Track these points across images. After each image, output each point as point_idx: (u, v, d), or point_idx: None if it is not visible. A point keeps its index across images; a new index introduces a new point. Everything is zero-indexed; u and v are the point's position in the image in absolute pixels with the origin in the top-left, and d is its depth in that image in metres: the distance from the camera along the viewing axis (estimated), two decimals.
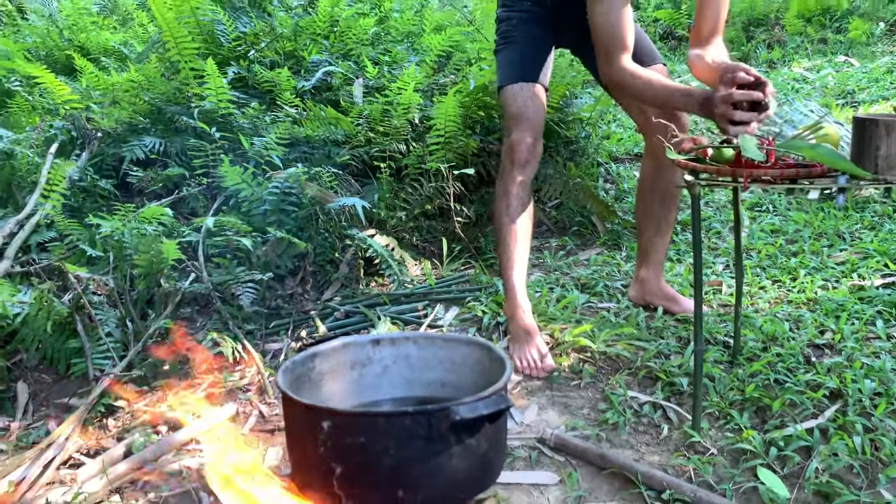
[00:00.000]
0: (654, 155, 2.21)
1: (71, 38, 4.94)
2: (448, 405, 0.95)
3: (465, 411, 0.93)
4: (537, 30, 2.22)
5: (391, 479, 0.94)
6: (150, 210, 2.51)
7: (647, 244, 2.34)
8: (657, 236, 2.32)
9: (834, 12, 7.19)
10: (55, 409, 2.05)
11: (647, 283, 2.37)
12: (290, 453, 1.02)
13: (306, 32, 3.65)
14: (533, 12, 2.22)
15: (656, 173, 2.26)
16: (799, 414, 1.77)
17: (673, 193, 2.28)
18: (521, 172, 2.16)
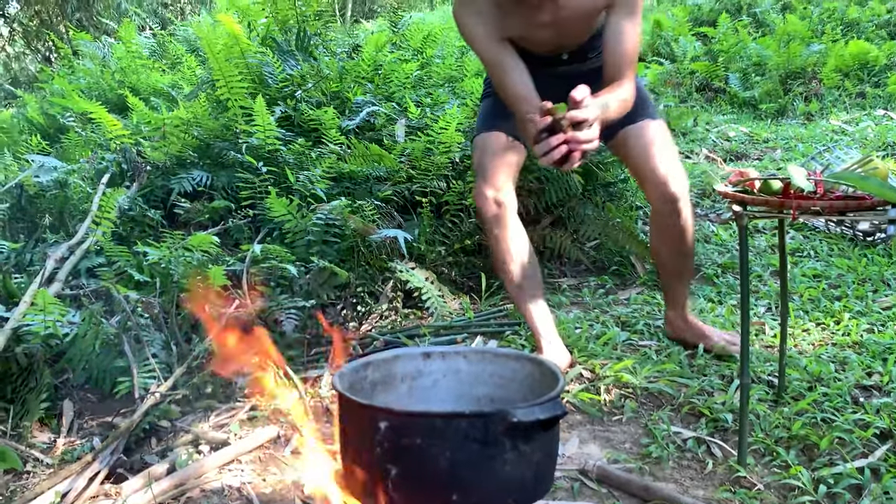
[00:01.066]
0: (655, 209, 2.21)
1: (122, 79, 5.13)
2: (505, 408, 0.95)
3: (521, 414, 0.93)
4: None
5: (446, 482, 0.94)
6: (197, 238, 2.57)
7: (667, 288, 2.36)
8: (674, 281, 2.33)
9: (872, 67, 7.20)
10: (99, 427, 2.07)
11: (674, 323, 2.38)
12: (343, 456, 1.03)
13: (351, 75, 3.75)
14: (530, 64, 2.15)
15: (659, 226, 2.23)
16: (848, 452, 1.73)
17: (680, 243, 2.22)
18: (491, 228, 2.15)
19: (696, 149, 5.23)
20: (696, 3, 9.72)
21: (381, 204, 2.86)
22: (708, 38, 8.33)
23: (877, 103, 6.59)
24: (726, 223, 3.69)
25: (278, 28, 4.15)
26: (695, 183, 4.27)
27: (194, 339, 2.35)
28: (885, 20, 9.00)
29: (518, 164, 2.21)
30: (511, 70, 1.99)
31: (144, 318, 2.31)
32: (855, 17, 8.93)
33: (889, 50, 7.54)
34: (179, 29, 7.40)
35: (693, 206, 3.98)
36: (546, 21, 1.98)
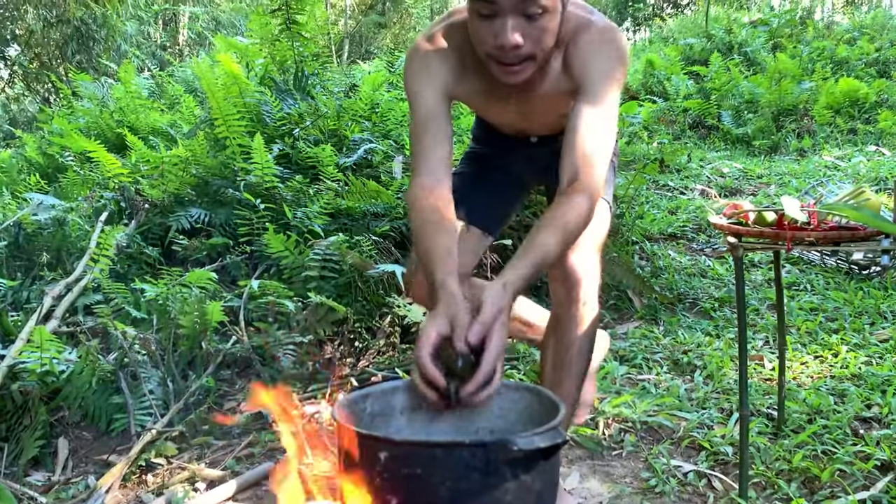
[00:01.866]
0: (554, 302, 1.65)
1: (121, 118, 5.18)
2: (505, 437, 0.95)
3: (521, 443, 0.93)
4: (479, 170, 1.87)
5: None
6: (195, 274, 2.58)
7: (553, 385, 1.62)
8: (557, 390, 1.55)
9: (862, 104, 7.31)
10: (95, 465, 2.05)
11: None
12: (343, 485, 1.03)
13: (348, 113, 3.80)
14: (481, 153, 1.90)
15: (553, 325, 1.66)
16: (850, 485, 1.72)
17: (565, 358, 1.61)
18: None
19: (691, 185, 5.27)
20: (687, 43, 9.89)
21: (379, 239, 2.87)
22: (700, 77, 8.46)
23: (868, 139, 6.67)
24: (721, 257, 3.71)
25: (276, 68, 4.21)
26: (690, 218, 4.30)
27: (191, 375, 2.34)
28: (874, 58, 9.17)
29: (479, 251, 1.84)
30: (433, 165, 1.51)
31: (142, 354, 2.31)
32: (844, 55, 9.10)
33: (878, 87, 7.66)
34: (178, 70, 7.50)
35: (689, 240, 4.00)
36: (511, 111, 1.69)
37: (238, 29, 14.07)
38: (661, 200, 4.77)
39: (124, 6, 10.92)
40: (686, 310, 3.10)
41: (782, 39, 9.97)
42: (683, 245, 3.97)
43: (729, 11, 12.93)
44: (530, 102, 1.63)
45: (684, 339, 2.72)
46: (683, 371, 2.47)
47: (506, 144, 1.83)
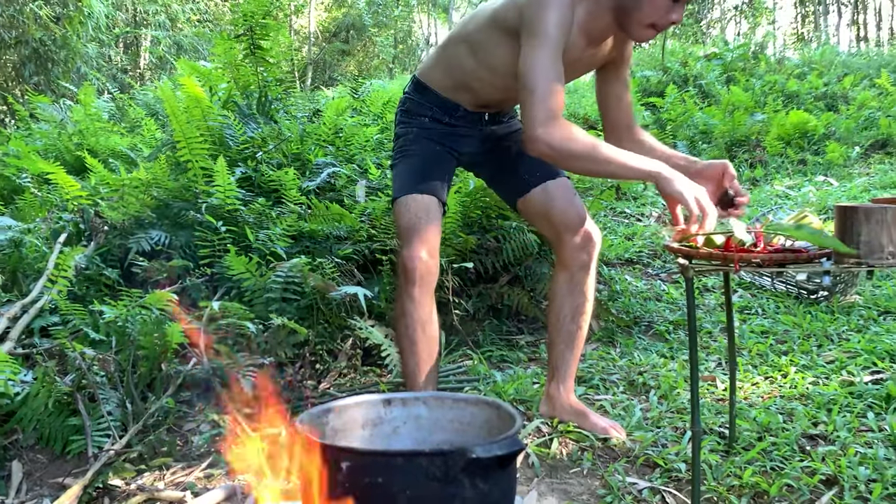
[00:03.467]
0: (567, 268, 2.13)
1: (81, 141, 5.14)
2: (464, 445, 0.98)
3: (480, 451, 0.96)
4: (436, 146, 2.11)
5: None
6: (155, 296, 2.56)
7: (558, 359, 2.21)
8: (567, 351, 2.20)
9: (811, 136, 7.57)
10: (50, 489, 2.02)
11: (555, 398, 2.23)
12: (305, 497, 1.04)
13: (312, 138, 3.83)
14: (431, 128, 2.12)
15: (569, 287, 2.14)
16: (797, 499, 1.78)
17: (584, 308, 2.16)
18: (416, 290, 2.00)
19: (647, 211, 5.39)
20: (644, 76, 10.15)
21: (342, 262, 2.90)
22: (657, 108, 8.67)
23: (817, 169, 6.91)
24: (676, 281, 3.80)
25: (240, 92, 4.23)
26: (646, 244, 4.40)
27: (150, 397, 2.33)
28: (823, 92, 9.51)
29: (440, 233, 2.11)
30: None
31: (100, 375, 2.29)
32: (794, 89, 9.42)
33: (827, 120, 7.94)
34: (139, 93, 7.46)
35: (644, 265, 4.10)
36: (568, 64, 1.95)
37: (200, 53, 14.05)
38: (617, 227, 4.87)
39: (85, 28, 10.84)
40: (642, 332, 3.17)
41: (736, 73, 10.28)
42: (639, 270, 4.06)
43: (685, 45, 13.32)
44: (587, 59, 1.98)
45: (640, 361, 2.78)
46: (639, 391, 2.53)
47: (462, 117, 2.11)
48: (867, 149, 7.55)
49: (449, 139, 2.12)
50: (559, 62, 1.76)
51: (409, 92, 2.19)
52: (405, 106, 2.18)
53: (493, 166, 2.22)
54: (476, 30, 2.01)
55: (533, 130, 1.72)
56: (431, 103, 2.12)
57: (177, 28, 15.99)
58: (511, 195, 2.22)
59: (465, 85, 2.07)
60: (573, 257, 2.11)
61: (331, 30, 20.23)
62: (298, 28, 19.61)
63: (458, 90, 2.09)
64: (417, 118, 2.14)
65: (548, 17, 1.76)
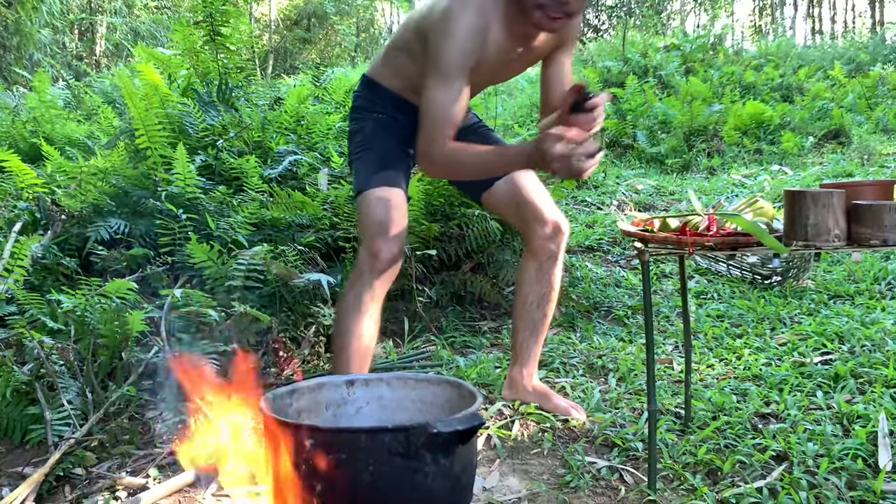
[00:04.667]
0: (536, 257, 2.16)
1: (35, 128, 5.04)
2: (426, 421, 1.01)
3: (441, 426, 0.99)
4: (392, 141, 2.09)
5: (370, 497, 0.98)
6: (114, 284, 2.54)
7: (522, 344, 2.23)
8: (531, 337, 2.22)
9: (767, 126, 7.72)
10: (9, 478, 2.00)
11: (517, 381, 2.25)
12: (272, 478, 1.06)
13: (273, 126, 3.81)
14: (385, 123, 2.10)
15: (537, 275, 2.17)
16: (749, 474, 1.84)
17: (550, 297, 2.19)
18: (378, 282, 1.95)
19: (607, 201, 5.47)
20: (605, 66, 10.25)
21: (305, 249, 2.90)
22: (617, 98, 8.77)
23: (772, 159, 7.06)
24: (635, 268, 3.87)
25: (199, 80, 4.19)
26: (606, 232, 4.47)
27: (111, 385, 2.31)
28: (779, 83, 9.71)
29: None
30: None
31: (59, 365, 2.26)
32: (751, 80, 9.60)
33: (782, 111, 8.12)
34: (96, 80, 7.32)
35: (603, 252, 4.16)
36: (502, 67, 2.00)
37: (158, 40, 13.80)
38: (578, 215, 4.94)
39: (38, 13, 10.58)
40: (601, 317, 3.23)
41: (695, 64, 10.45)
42: (599, 257, 4.13)
43: (645, 37, 13.46)
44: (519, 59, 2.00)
45: (599, 345, 2.84)
46: (598, 374, 2.58)
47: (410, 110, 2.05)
48: (820, 139, 7.74)
49: (404, 135, 2.07)
50: (455, 93, 1.80)
51: (361, 90, 2.16)
52: (358, 103, 2.16)
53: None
54: (410, 39, 1.99)
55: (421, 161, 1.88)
56: (384, 101, 2.10)
57: (133, 15, 15.69)
58: (475, 189, 2.21)
59: (413, 87, 2.03)
60: (542, 247, 2.14)
61: (292, 17, 20.02)
62: (259, 16, 19.37)
63: (407, 90, 2.06)
64: (372, 114, 2.11)
65: (447, 48, 1.78)
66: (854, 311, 3.04)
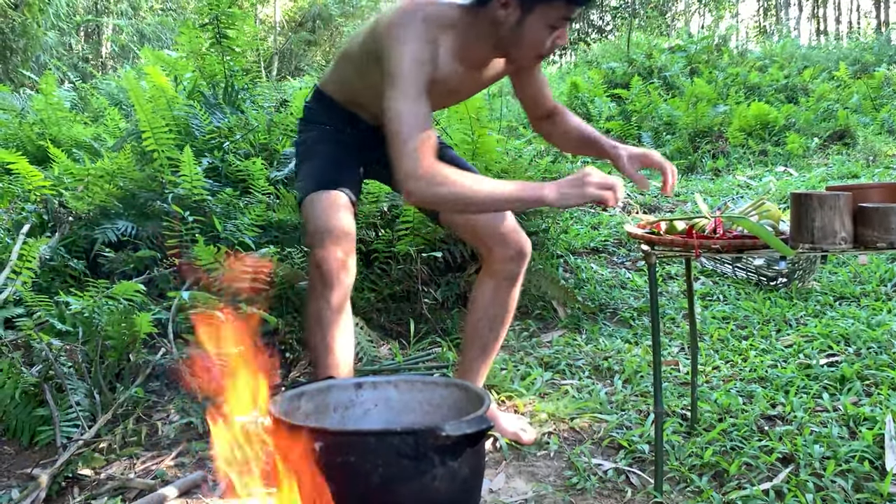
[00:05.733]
0: (494, 277, 2.05)
1: (42, 130, 5.06)
2: (434, 424, 1.01)
3: (449, 429, 0.99)
4: (336, 148, 2.01)
5: (379, 499, 0.99)
6: (122, 286, 2.55)
7: (469, 365, 2.12)
8: (479, 359, 2.12)
9: (772, 127, 7.71)
10: (17, 479, 2.01)
11: None
12: (278, 480, 1.07)
13: (279, 127, 3.82)
14: (330, 134, 2.03)
15: (492, 296, 2.06)
16: (755, 476, 1.85)
17: (504, 319, 2.09)
18: (333, 295, 1.79)
19: None
20: (610, 67, 10.25)
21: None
22: (622, 99, 8.78)
23: (777, 160, 7.05)
24: (640, 269, 3.87)
25: (205, 82, 4.20)
26: (611, 233, 4.47)
27: (119, 387, 2.32)
28: (783, 84, 9.70)
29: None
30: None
31: (67, 366, 2.28)
32: (756, 81, 9.59)
33: (787, 112, 8.11)
34: (102, 82, 7.35)
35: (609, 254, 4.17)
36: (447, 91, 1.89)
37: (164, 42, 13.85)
38: (584, 216, 4.94)
39: (45, 16, 10.62)
40: (607, 319, 3.23)
41: (699, 65, 10.45)
42: (605, 258, 4.13)
43: (649, 38, 13.46)
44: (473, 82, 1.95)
45: (605, 347, 2.84)
46: (604, 376, 2.59)
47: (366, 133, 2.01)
48: (826, 140, 7.73)
49: (352, 146, 2.02)
50: (420, 102, 1.65)
51: (310, 102, 2.10)
52: (306, 114, 2.10)
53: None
54: (357, 52, 1.92)
55: (405, 184, 1.62)
56: (331, 113, 2.04)
57: (139, 16, 15.74)
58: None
59: (358, 101, 2.00)
60: (502, 268, 2.03)
61: (297, 19, 20.06)
62: (264, 17, 19.42)
63: (355, 105, 2.01)
64: (318, 126, 2.05)
65: (402, 57, 1.67)
66: (860, 313, 3.04)
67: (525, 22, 1.70)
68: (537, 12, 1.69)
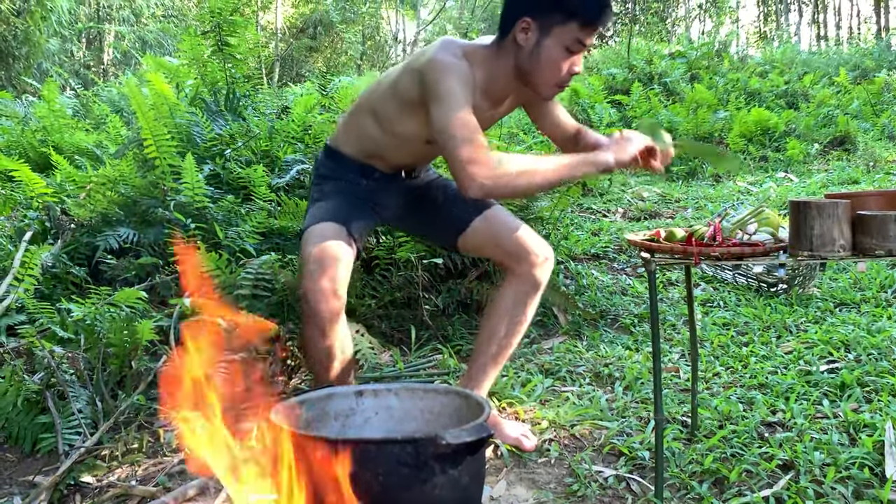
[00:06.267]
0: (518, 286, 2.07)
1: (45, 137, 5.08)
2: (434, 432, 1.02)
3: (449, 437, 1.00)
4: (350, 197, 2.04)
5: None
6: (124, 293, 2.56)
7: (479, 370, 2.12)
8: (490, 365, 2.11)
9: (773, 133, 7.72)
10: (19, 487, 2.02)
11: None
12: (279, 488, 1.07)
13: (281, 135, 3.84)
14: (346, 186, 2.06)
15: (513, 304, 2.07)
16: (755, 483, 1.85)
17: (521, 329, 2.11)
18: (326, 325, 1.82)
19: (613, 208, 5.48)
20: (610, 73, 10.27)
21: None
22: (622, 106, 8.79)
23: (778, 166, 7.06)
24: (640, 276, 3.88)
25: (207, 89, 4.22)
26: (612, 239, 4.48)
27: (121, 394, 2.33)
28: (784, 90, 9.71)
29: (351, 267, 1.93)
30: None
31: (69, 374, 2.28)
32: (756, 87, 9.61)
33: (787, 118, 8.12)
34: (103, 89, 7.37)
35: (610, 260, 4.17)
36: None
37: (165, 49, 13.89)
38: (584, 223, 4.95)
39: (47, 23, 10.65)
40: (608, 325, 3.24)
41: (699, 71, 10.46)
42: (605, 265, 4.14)
43: (650, 43, 13.48)
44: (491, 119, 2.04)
45: (606, 353, 2.85)
46: (604, 383, 2.59)
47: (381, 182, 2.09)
48: (826, 145, 7.74)
49: (369, 196, 2.06)
50: (470, 114, 1.74)
51: (323, 160, 2.14)
52: (320, 172, 2.13)
53: (420, 214, 2.17)
54: (380, 100, 1.99)
55: (464, 176, 1.69)
56: (346, 169, 2.07)
57: (141, 23, 15.78)
58: (448, 235, 2.16)
59: (377, 153, 2.04)
60: (528, 276, 2.06)
61: (298, 26, 20.12)
62: (265, 24, 19.47)
63: (371, 157, 2.05)
64: (333, 180, 2.08)
65: (450, 80, 1.76)
66: (860, 320, 3.04)
67: (543, 44, 1.82)
68: (554, 35, 1.81)
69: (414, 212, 2.18)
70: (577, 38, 1.81)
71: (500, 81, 1.92)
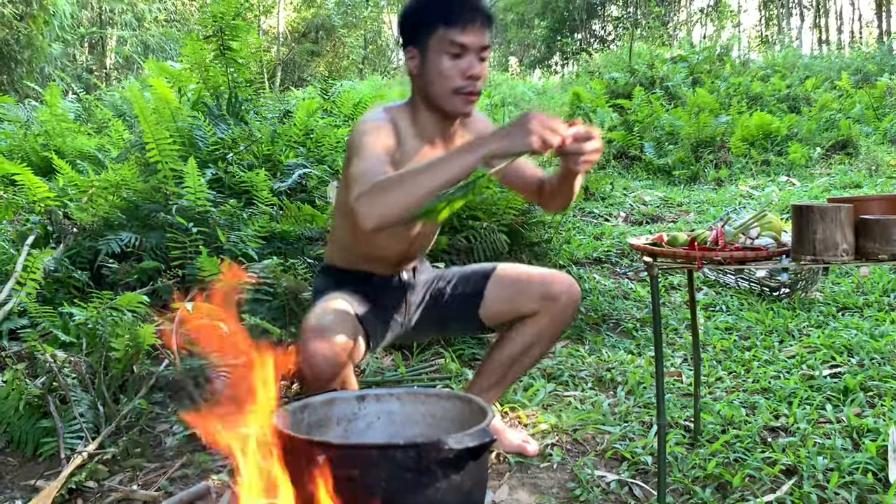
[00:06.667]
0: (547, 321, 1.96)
1: (47, 142, 5.09)
2: (437, 437, 1.02)
3: (452, 442, 1.00)
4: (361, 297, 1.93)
5: None
6: (126, 297, 2.56)
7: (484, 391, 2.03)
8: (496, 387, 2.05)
9: (775, 137, 7.72)
10: (21, 491, 2.01)
11: None
12: (281, 493, 1.07)
13: (283, 139, 3.84)
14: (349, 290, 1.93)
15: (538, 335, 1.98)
16: (758, 488, 1.84)
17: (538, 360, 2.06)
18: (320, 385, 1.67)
19: (615, 212, 5.48)
20: (612, 77, 10.27)
21: (314, 262, 2.91)
22: (624, 110, 8.79)
23: (780, 170, 7.06)
24: (643, 280, 3.88)
25: (209, 93, 4.23)
26: (614, 243, 4.48)
27: (122, 398, 2.33)
28: (785, 94, 9.71)
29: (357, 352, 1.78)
30: None
31: (71, 378, 2.28)
32: (758, 91, 9.61)
33: (789, 122, 8.12)
34: (106, 94, 7.38)
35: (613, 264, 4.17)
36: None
37: (168, 53, 13.92)
38: (586, 227, 4.95)
39: (50, 27, 10.68)
40: (610, 330, 3.23)
41: (701, 75, 10.47)
42: (608, 269, 4.13)
43: (651, 48, 13.50)
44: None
45: (608, 357, 2.84)
46: (607, 387, 2.59)
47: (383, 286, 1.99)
48: (828, 149, 7.74)
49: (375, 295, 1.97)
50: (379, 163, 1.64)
51: (320, 279, 2.08)
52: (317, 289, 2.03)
53: (436, 308, 2.08)
54: (341, 195, 1.95)
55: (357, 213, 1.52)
56: (343, 279, 1.99)
57: (143, 28, 15.82)
58: (469, 315, 2.04)
59: (364, 254, 1.98)
60: (557, 316, 1.97)
61: (300, 30, 20.16)
62: (267, 28, 19.52)
63: (361, 261, 1.99)
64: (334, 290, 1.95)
65: (363, 135, 1.73)
66: (863, 324, 3.04)
67: (427, 61, 1.78)
68: (431, 48, 1.76)
69: (428, 307, 2.08)
70: (450, 39, 1.73)
71: (427, 120, 1.85)
